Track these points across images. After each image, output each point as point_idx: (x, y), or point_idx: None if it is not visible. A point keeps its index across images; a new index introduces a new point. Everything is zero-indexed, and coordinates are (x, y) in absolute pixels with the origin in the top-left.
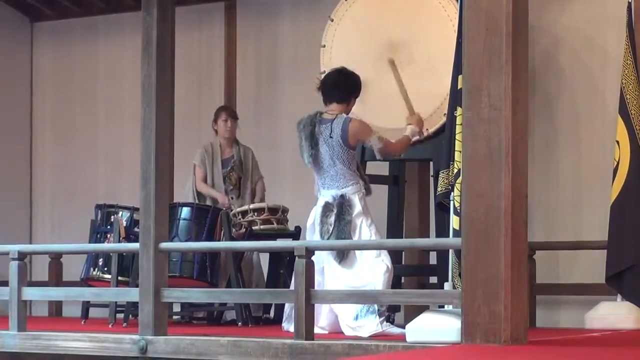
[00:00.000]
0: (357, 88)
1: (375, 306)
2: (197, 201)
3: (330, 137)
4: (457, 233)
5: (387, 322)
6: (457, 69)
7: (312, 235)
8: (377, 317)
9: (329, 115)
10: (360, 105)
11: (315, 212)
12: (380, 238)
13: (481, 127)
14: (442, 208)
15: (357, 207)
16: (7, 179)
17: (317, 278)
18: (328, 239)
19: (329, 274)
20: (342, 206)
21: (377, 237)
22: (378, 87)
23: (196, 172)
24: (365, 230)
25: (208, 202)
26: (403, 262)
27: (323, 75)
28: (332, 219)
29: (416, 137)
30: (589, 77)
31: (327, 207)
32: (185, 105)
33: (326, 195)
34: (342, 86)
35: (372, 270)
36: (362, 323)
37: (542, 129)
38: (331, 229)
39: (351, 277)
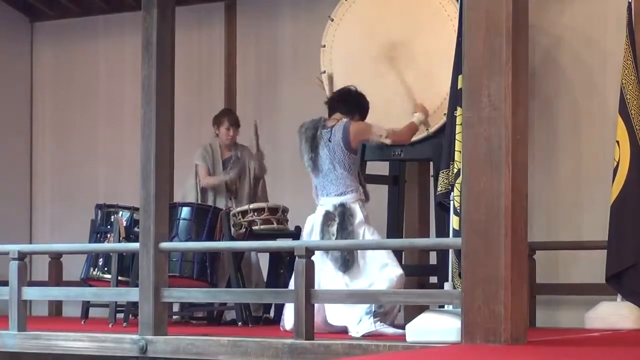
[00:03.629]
0: (363, 107)
1: (373, 306)
2: (199, 200)
3: (330, 140)
4: (457, 233)
5: (381, 322)
6: (457, 69)
7: None
8: (372, 317)
9: (330, 122)
10: None
11: (314, 221)
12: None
13: (481, 127)
14: (442, 208)
15: (359, 216)
16: (7, 179)
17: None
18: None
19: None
20: (344, 215)
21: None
22: (378, 87)
23: (200, 170)
24: (368, 239)
25: (209, 201)
26: (403, 262)
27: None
28: (334, 228)
29: (422, 122)
30: (589, 77)
31: (328, 216)
32: (185, 105)
33: (326, 203)
34: (350, 102)
35: (377, 282)
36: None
37: (542, 129)
38: (333, 239)
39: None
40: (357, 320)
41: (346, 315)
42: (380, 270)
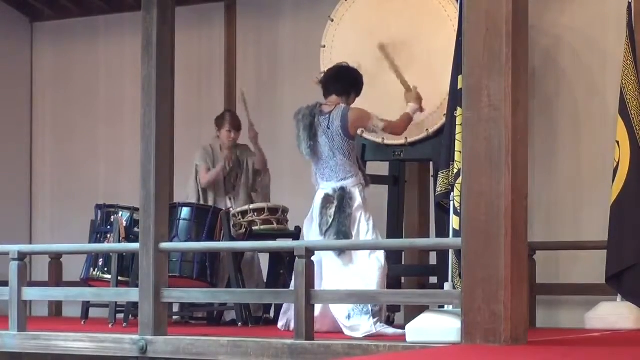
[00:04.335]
0: (357, 83)
1: (369, 306)
2: (200, 201)
3: (328, 128)
4: (457, 233)
5: (380, 322)
6: (457, 69)
7: (309, 227)
8: (371, 317)
9: (327, 107)
10: (361, 105)
11: (314, 204)
12: (377, 232)
13: (481, 127)
14: (442, 208)
15: (358, 200)
16: (7, 179)
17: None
18: (327, 230)
19: (329, 268)
20: (342, 199)
21: (374, 232)
22: (379, 87)
23: (200, 170)
24: (363, 224)
25: (210, 202)
26: (403, 262)
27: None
28: (332, 210)
29: (417, 113)
30: (589, 77)
31: (327, 199)
32: (185, 105)
33: (326, 187)
34: (343, 79)
35: (366, 267)
36: (355, 323)
37: (542, 129)
38: (330, 220)
39: (349, 274)
40: (345, 314)
41: (336, 308)
42: (369, 257)
